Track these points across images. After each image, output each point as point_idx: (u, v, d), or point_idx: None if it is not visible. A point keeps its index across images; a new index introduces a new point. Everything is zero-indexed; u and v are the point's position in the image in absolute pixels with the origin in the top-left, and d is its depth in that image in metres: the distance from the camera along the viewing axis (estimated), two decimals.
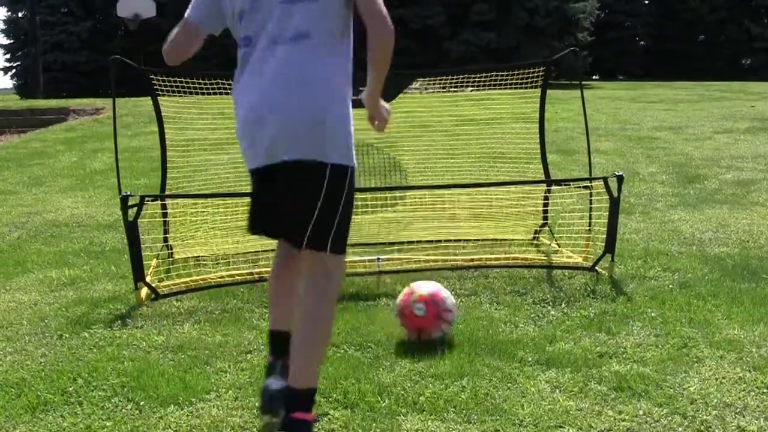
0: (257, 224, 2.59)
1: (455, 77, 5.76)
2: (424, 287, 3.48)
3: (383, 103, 2.49)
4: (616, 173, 4.36)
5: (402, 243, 5.16)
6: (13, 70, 34.76)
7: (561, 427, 2.66)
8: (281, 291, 2.69)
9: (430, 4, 32.05)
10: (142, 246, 4.11)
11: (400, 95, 5.12)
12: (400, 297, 3.50)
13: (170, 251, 4.97)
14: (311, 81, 2.29)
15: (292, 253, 2.62)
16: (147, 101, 6.43)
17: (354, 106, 2.43)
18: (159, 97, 4.87)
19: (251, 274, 4.52)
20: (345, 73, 2.37)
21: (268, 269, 4.47)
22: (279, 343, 2.69)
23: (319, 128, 2.29)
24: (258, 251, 4.88)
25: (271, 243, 5.02)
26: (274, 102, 2.30)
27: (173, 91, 4.91)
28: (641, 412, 2.75)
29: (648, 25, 40.49)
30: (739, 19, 39.15)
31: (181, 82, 4.91)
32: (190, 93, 4.96)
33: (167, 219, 4.92)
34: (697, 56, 39.73)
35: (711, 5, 39.38)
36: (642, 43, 42.00)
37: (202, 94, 5.02)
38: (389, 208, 5.52)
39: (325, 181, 2.30)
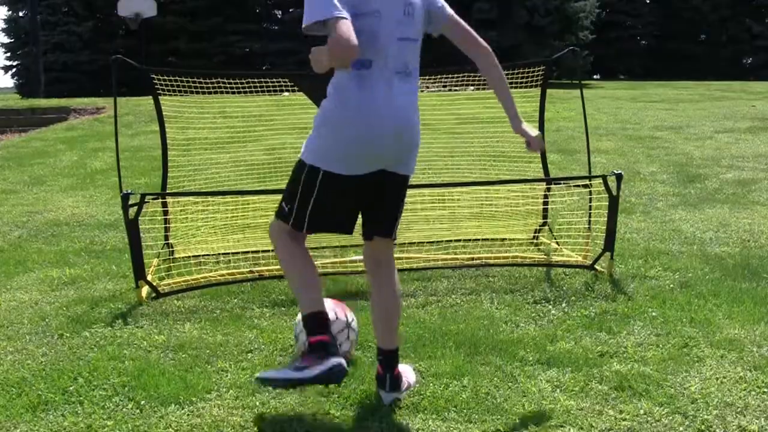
0: (338, 225, 2.94)
1: (456, 76, 5.75)
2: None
3: (526, 127, 3.08)
4: (615, 171, 4.36)
5: (402, 243, 5.15)
6: (14, 69, 34.72)
7: (562, 426, 2.66)
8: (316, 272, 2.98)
9: None
10: (143, 244, 4.11)
11: None
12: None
13: (171, 250, 4.97)
14: (415, 111, 2.79)
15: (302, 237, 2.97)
16: (148, 100, 6.44)
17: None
18: (160, 97, 4.87)
19: (252, 272, 4.53)
20: None
21: (269, 268, 4.51)
22: (321, 321, 2.80)
23: (414, 151, 2.83)
24: (258, 250, 4.88)
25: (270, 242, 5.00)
26: (399, 125, 2.72)
27: (174, 91, 4.91)
28: (642, 412, 2.75)
29: (649, 25, 40.45)
30: (741, 19, 39.12)
31: (182, 81, 4.91)
32: (191, 92, 4.96)
33: (168, 217, 4.92)
34: (698, 56, 39.70)
35: (712, 4, 39.34)
36: (643, 42, 41.95)
37: (203, 93, 5.02)
38: None
39: (405, 188, 2.95)
